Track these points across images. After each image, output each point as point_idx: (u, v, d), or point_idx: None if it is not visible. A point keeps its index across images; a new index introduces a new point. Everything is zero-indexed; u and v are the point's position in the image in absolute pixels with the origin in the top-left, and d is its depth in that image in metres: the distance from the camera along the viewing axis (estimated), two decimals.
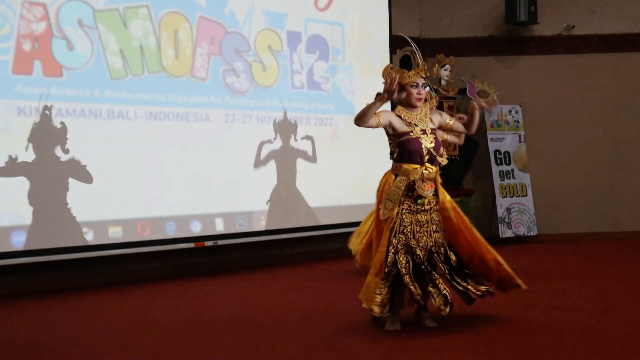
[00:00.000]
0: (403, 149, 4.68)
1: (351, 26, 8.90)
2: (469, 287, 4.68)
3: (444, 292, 4.58)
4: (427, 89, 4.86)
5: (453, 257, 4.76)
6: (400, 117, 4.71)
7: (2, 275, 6.57)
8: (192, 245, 7.52)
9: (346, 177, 8.71)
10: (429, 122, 4.78)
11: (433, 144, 4.71)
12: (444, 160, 4.86)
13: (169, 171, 7.31)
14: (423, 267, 4.63)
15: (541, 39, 10.31)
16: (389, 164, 4.87)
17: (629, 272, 7.19)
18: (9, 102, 6.41)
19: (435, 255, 4.71)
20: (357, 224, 7.21)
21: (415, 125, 4.70)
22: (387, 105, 5.39)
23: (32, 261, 6.60)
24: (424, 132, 4.70)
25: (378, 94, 4.67)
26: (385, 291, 4.63)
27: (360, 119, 4.57)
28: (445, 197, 4.79)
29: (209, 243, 7.62)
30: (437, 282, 4.61)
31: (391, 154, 4.79)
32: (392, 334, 4.61)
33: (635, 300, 5.60)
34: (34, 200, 6.52)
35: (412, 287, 4.57)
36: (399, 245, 4.64)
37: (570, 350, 4.17)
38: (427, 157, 4.69)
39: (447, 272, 4.69)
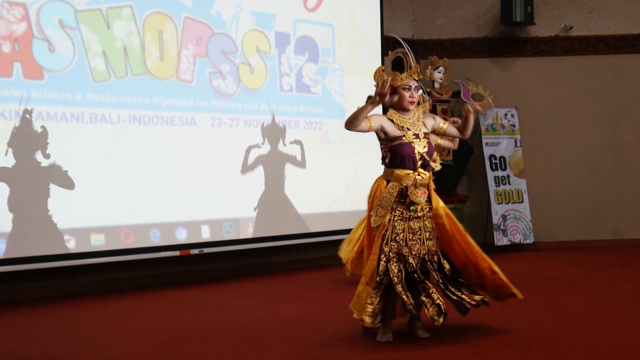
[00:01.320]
0: (395, 153, 4.62)
1: (341, 27, 8.80)
2: (464, 296, 4.63)
3: (438, 301, 4.52)
4: (420, 91, 4.81)
5: (447, 266, 4.70)
6: (392, 121, 4.66)
7: None
8: (177, 253, 7.42)
9: (336, 183, 8.62)
10: (422, 126, 4.73)
11: (426, 149, 4.67)
12: (437, 166, 4.81)
13: (153, 177, 7.20)
14: (416, 275, 4.57)
15: (538, 40, 10.23)
16: (380, 169, 4.80)
17: (628, 281, 7.12)
18: None
19: (429, 263, 4.65)
20: (347, 231, 7.12)
21: (408, 129, 4.65)
22: (378, 109, 5.32)
23: (11, 270, 6.51)
24: (417, 136, 4.66)
25: (369, 97, 4.67)
26: (377, 301, 4.56)
27: (351, 123, 4.52)
28: (439, 203, 4.72)
29: (195, 251, 7.52)
30: (431, 291, 4.55)
31: (383, 159, 4.73)
32: (384, 345, 4.55)
33: (634, 310, 5.53)
34: (13, 206, 6.42)
35: (404, 296, 4.50)
36: (391, 254, 4.57)
37: None
38: (420, 162, 4.63)
39: (440, 281, 4.63)
